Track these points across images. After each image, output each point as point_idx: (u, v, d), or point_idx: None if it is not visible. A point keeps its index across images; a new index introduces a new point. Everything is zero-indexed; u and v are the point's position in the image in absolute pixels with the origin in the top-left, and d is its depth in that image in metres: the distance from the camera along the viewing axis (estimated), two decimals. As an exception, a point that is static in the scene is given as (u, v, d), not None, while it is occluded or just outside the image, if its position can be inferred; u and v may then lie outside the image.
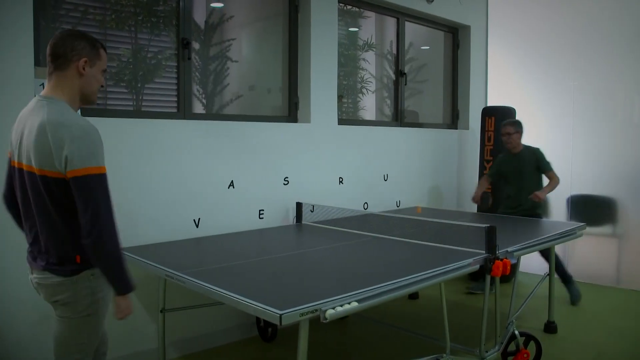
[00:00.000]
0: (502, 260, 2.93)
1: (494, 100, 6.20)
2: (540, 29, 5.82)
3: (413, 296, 4.81)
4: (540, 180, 4.73)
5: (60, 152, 1.86)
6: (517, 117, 5.51)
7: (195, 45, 3.92)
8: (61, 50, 1.96)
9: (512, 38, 6.09)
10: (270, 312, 2.01)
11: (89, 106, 2.13)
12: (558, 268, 4.58)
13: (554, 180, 4.63)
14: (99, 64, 2.06)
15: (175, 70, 3.75)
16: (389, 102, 5.50)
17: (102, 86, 2.11)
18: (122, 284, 1.98)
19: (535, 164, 4.69)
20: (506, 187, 4.91)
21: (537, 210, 4.70)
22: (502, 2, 6.18)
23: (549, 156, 4.69)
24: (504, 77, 6.18)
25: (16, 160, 2.03)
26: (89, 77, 2.01)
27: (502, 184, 5.00)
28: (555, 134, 5.65)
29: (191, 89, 3.85)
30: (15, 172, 2.06)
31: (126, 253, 2.99)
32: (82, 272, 1.99)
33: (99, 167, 1.91)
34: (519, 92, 5.93)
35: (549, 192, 4.63)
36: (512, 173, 4.81)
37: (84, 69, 1.98)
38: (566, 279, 4.75)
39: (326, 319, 2.06)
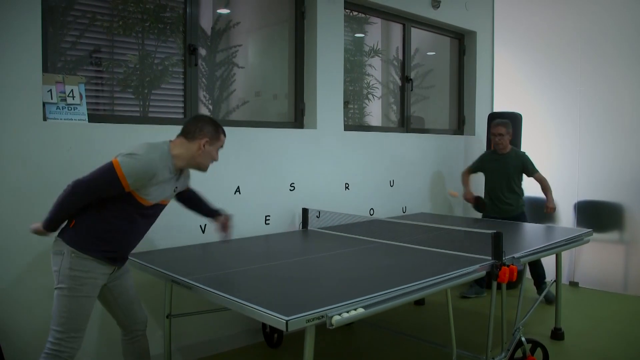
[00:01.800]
0: (508, 266, 2.92)
1: (500, 106, 6.19)
2: (547, 34, 5.82)
3: (419, 302, 4.79)
4: (521, 183, 4.92)
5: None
6: (525, 122, 5.51)
7: (202, 52, 3.94)
8: (192, 128, 2.60)
9: (518, 44, 6.09)
10: (276, 318, 2.01)
11: (200, 172, 2.72)
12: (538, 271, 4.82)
13: (546, 181, 4.82)
14: (217, 144, 2.66)
15: (181, 76, 3.77)
16: (395, 108, 5.51)
17: (214, 160, 2.68)
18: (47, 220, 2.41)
19: (521, 167, 4.84)
20: (487, 187, 5.04)
21: (519, 210, 4.90)
22: (508, 7, 6.18)
23: (557, 161, 4.69)
24: (510, 83, 6.17)
25: None
26: (206, 153, 2.61)
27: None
28: (562, 139, 5.63)
29: (198, 95, 3.86)
30: None
31: (132, 258, 3.01)
32: (69, 246, 2.37)
33: (118, 163, 2.34)
34: (525, 98, 5.92)
35: (552, 194, 4.81)
36: (496, 173, 4.92)
37: (204, 146, 2.58)
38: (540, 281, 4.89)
39: (332, 325, 2.06)
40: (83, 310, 2.40)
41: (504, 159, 4.88)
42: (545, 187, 4.82)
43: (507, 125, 4.87)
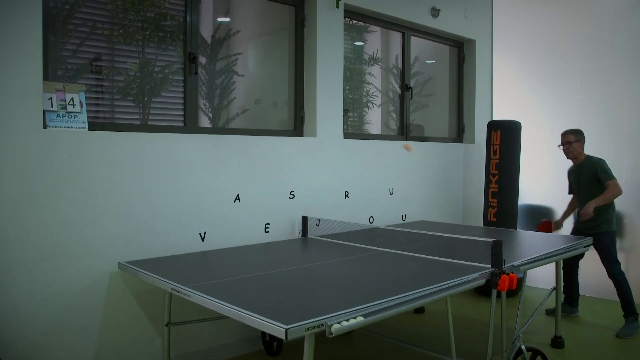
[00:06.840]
0: (508, 274, 2.92)
1: (500, 114, 6.20)
2: (546, 41, 5.84)
3: (419, 310, 4.78)
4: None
5: None
6: (524, 131, 5.52)
7: (202, 60, 3.96)
8: None
9: (518, 52, 6.11)
10: (276, 326, 2.01)
11: None
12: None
13: (609, 190, 4.30)
14: None
15: (182, 84, 3.78)
16: (394, 116, 5.52)
17: None
18: None
19: (594, 176, 4.40)
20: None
21: (600, 227, 4.41)
22: (507, 16, 6.21)
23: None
24: (510, 91, 6.19)
25: None
26: None
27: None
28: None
29: (198, 103, 3.87)
30: None
31: (132, 267, 3.02)
32: None
33: None
34: (525, 106, 5.93)
35: (598, 204, 4.29)
36: (575, 186, 4.65)
37: None
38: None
39: (332, 333, 2.05)
40: None
41: (578, 170, 4.60)
42: (603, 194, 4.31)
43: (575, 132, 4.59)
